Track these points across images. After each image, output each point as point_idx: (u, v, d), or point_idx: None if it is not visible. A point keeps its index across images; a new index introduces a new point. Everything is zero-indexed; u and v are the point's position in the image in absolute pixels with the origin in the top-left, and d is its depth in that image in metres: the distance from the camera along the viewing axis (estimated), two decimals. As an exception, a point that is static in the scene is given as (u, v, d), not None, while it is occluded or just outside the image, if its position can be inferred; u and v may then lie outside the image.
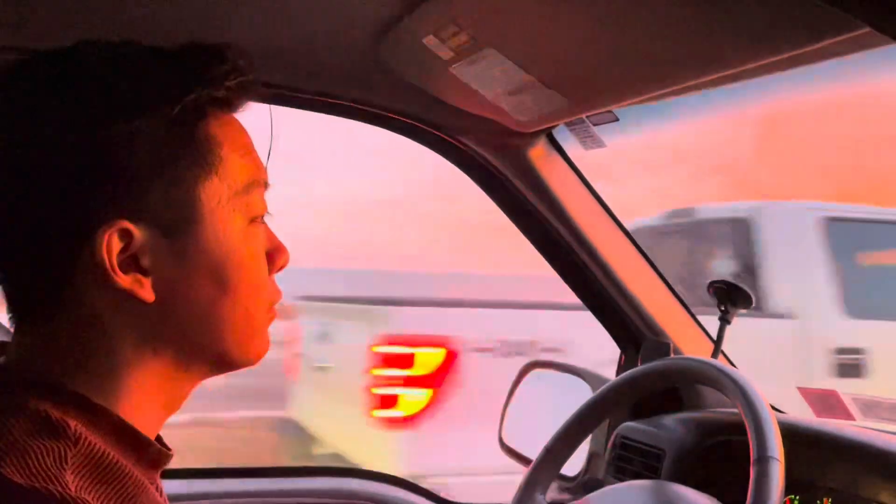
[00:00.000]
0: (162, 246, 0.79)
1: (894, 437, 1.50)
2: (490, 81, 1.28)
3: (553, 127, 1.57)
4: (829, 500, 1.56)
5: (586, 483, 1.76)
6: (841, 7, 0.71)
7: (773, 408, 1.97)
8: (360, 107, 1.58)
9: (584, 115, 1.51)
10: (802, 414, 1.94)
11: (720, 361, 1.38)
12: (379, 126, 1.65)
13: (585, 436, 1.59)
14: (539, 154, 1.61)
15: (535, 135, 1.56)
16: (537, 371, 2.25)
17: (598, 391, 1.56)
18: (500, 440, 2.17)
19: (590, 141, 1.59)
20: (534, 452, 1.67)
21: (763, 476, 1.13)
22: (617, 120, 1.51)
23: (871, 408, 1.90)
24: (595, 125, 1.54)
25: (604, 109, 1.32)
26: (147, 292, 0.78)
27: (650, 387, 1.52)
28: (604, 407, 1.54)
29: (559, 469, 1.59)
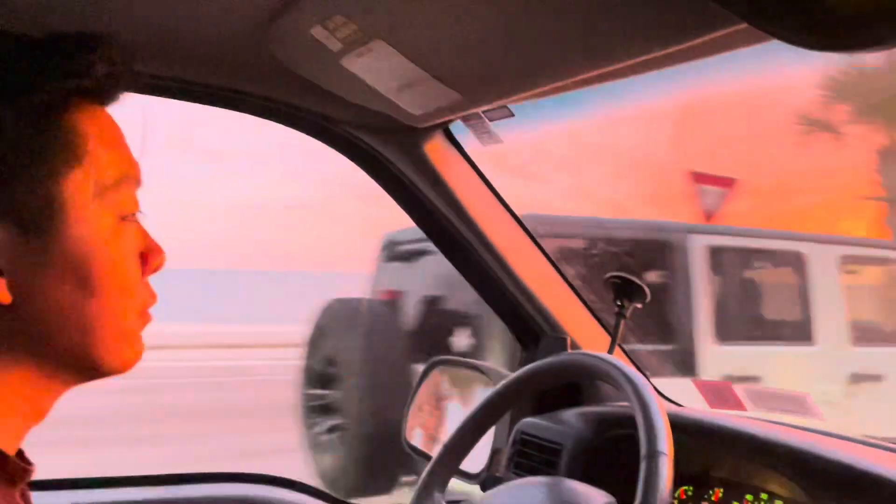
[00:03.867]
0: (19, 244, 0.74)
1: (782, 427, 1.54)
2: (381, 75, 1.25)
3: (449, 122, 1.55)
4: (721, 490, 1.59)
5: (485, 480, 1.75)
6: (719, 2, 0.71)
7: (671, 401, 2.01)
8: (250, 99, 1.53)
9: (480, 111, 1.49)
10: (698, 406, 1.98)
11: (615, 357, 1.39)
12: (270, 119, 1.59)
13: (483, 432, 1.58)
14: (435, 149, 1.58)
15: (431, 129, 1.53)
16: (442, 368, 2.23)
17: (494, 389, 1.55)
18: (405, 439, 2.15)
19: (487, 137, 1.58)
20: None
21: (652, 471, 1.14)
22: (513, 115, 1.50)
23: (762, 398, 1.96)
24: (492, 121, 1.53)
25: (498, 104, 1.31)
26: (2, 294, 0.73)
27: (547, 382, 1.52)
28: (500, 404, 1.53)
29: (457, 466, 1.58)
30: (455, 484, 1.65)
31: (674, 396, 1.96)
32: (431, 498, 1.50)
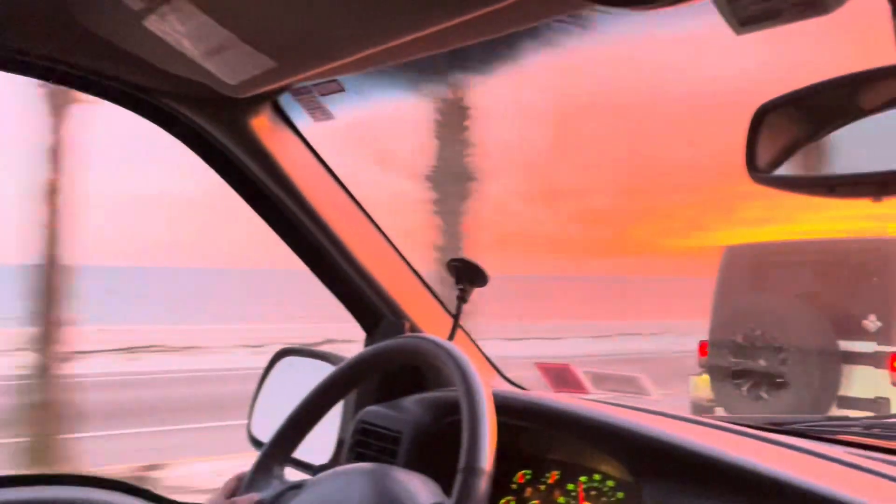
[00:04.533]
0: None
1: (614, 408, 1.54)
2: (188, 38, 1.15)
3: (276, 94, 1.46)
4: (557, 472, 1.59)
5: (318, 470, 1.69)
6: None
7: (515, 384, 2.00)
8: (60, 67, 1.39)
9: (309, 84, 1.42)
10: (541, 389, 1.98)
11: (446, 340, 1.34)
12: (84, 91, 1.46)
13: (316, 420, 1.51)
14: (263, 124, 1.49)
15: (256, 102, 1.44)
16: (289, 359, 2.15)
17: (327, 376, 1.48)
18: (249, 432, 2.05)
19: (318, 112, 1.50)
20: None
21: (466, 488, 1.08)
22: (343, 90, 1.43)
23: (601, 380, 1.98)
24: (322, 95, 1.45)
25: (316, 73, 1.23)
26: None
27: (379, 368, 1.47)
28: (332, 391, 1.47)
29: (291, 454, 1.52)
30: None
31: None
32: (264, 485, 1.44)
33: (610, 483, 1.44)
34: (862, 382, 5.09)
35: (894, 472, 1.15)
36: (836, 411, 5.10)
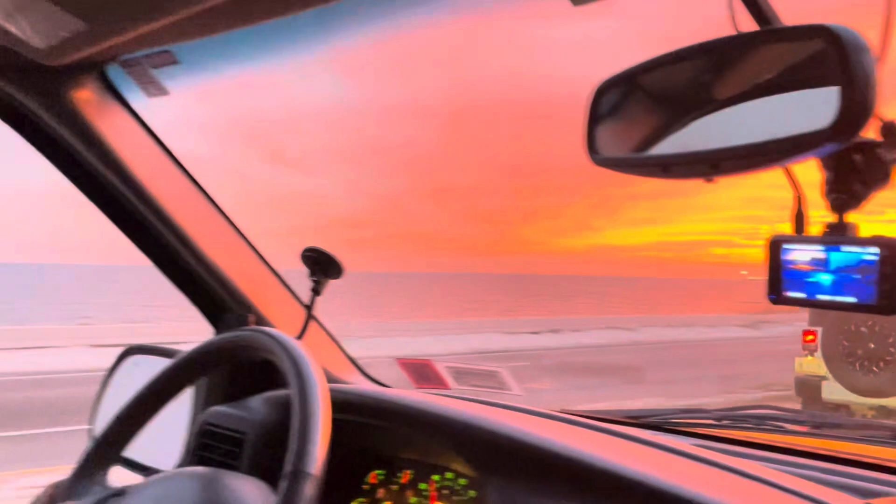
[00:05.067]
0: None
1: (470, 404, 1.49)
2: (-16, -7, 1.02)
3: (102, 65, 1.33)
4: (410, 472, 1.53)
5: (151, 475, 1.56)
6: None
7: (376, 381, 1.93)
8: None
9: (139, 55, 1.29)
10: (403, 386, 1.92)
11: (284, 334, 1.24)
12: None
13: (147, 420, 1.40)
14: (87, 98, 1.35)
15: (77, 72, 1.31)
16: (136, 357, 2.01)
17: (156, 373, 1.37)
18: (90, 431, 1.91)
19: (151, 87, 1.38)
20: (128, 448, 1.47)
21: (291, 494, 1.00)
22: (177, 62, 1.31)
23: (462, 375, 1.94)
24: (154, 67, 1.33)
25: (133, 35, 1.11)
26: None
27: (216, 363, 1.36)
28: (164, 389, 1.36)
29: (117, 456, 1.40)
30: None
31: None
32: (88, 485, 1.32)
33: (462, 481, 1.39)
34: None
35: (734, 462, 1.14)
36: None
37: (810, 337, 7.53)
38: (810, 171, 0.82)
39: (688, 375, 13.42)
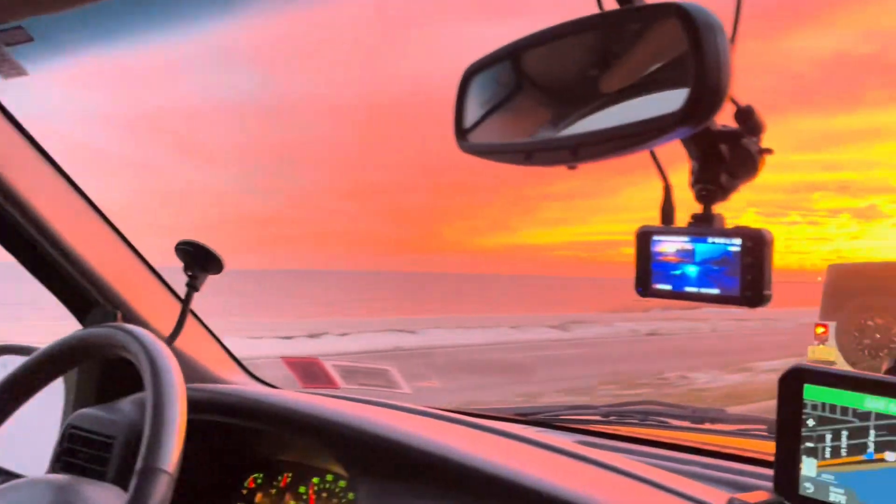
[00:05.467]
0: None
1: (355, 405, 1.45)
2: None
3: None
4: (289, 474, 1.47)
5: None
6: None
7: (262, 381, 1.86)
8: None
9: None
10: (290, 386, 1.86)
11: (145, 331, 1.16)
12: None
13: (1, 421, 1.30)
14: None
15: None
16: (9, 357, 1.88)
17: (10, 372, 1.27)
18: None
19: (6, 66, 1.28)
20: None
21: (141, 493, 0.92)
22: (31, 40, 1.22)
23: (351, 374, 1.90)
24: (8, 45, 1.23)
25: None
26: None
27: (72, 362, 1.26)
28: (15, 389, 1.26)
29: None
30: None
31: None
32: None
33: (342, 483, 1.34)
34: None
35: (613, 459, 1.13)
36: None
37: (821, 329, 8.96)
38: (685, 161, 0.80)
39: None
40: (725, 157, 0.76)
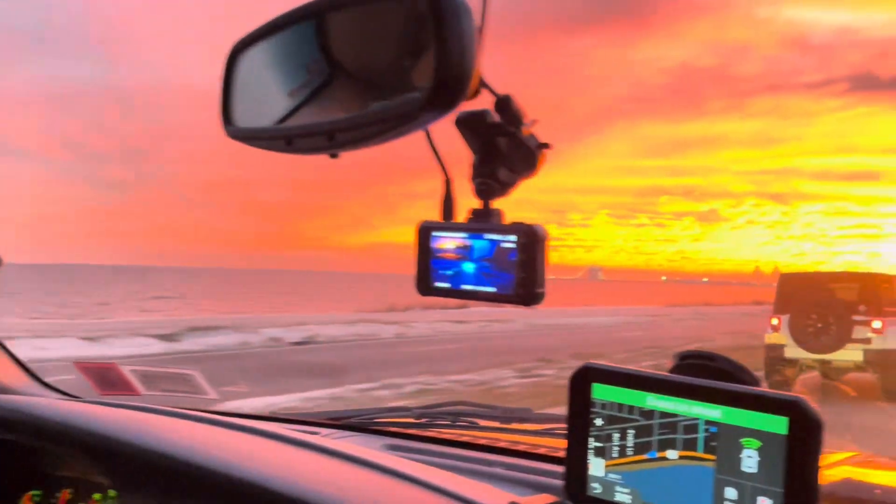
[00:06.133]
0: None
1: (146, 415, 1.33)
2: None
3: None
4: (70, 490, 1.34)
5: None
6: None
7: (57, 390, 1.69)
8: None
9: None
10: (88, 392, 1.71)
11: None
12: None
13: None
14: None
15: None
16: None
17: None
18: None
19: None
20: None
21: None
22: None
23: (152, 379, 1.78)
24: None
25: None
26: None
27: None
28: None
29: None
30: None
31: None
32: None
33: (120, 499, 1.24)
34: (858, 332, 11.21)
35: (400, 464, 1.08)
36: (847, 345, 11.23)
37: (776, 321, 12.05)
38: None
39: None
40: (504, 152, 0.73)
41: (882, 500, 1.23)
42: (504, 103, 0.66)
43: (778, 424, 0.80)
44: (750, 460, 0.82)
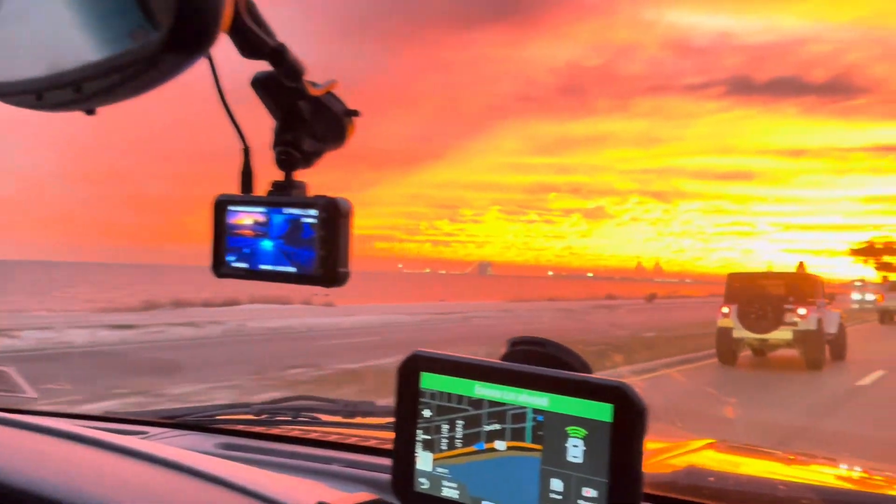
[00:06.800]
0: None
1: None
2: None
3: None
4: None
5: None
6: None
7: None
8: None
9: None
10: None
11: None
12: None
13: None
14: None
15: None
16: None
17: None
18: None
19: None
20: None
21: None
22: None
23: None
24: None
25: None
26: None
27: None
28: None
29: None
30: None
31: None
32: None
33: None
34: (788, 317, 14.57)
35: (223, 469, 0.99)
36: (780, 327, 14.72)
37: (726, 310, 15.20)
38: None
39: None
40: (307, 118, 0.66)
41: (720, 487, 1.24)
42: (277, 55, 0.59)
43: (603, 412, 0.77)
44: (576, 449, 0.78)
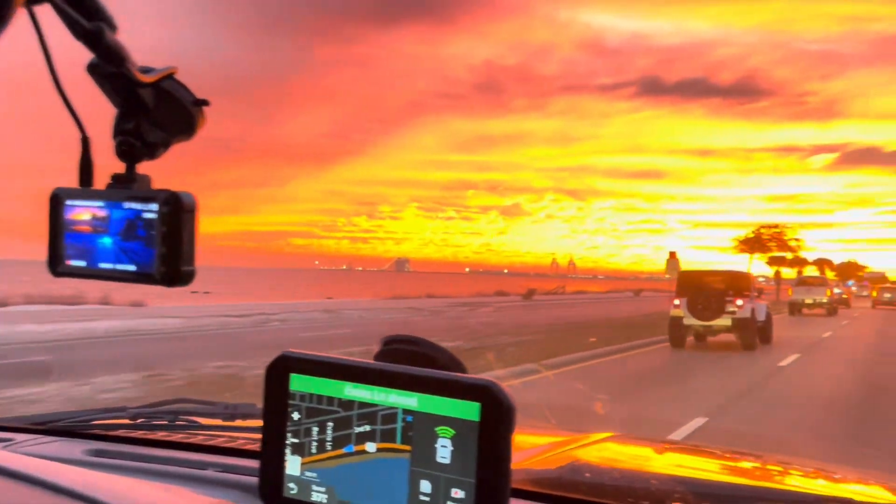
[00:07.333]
0: None
1: None
2: None
3: None
4: None
5: None
6: None
7: None
8: None
9: None
10: None
11: None
12: None
13: None
14: None
15: None
16: None
17: None
18: None
19: None
20: None
21: None
22: None
23: None
24: None
25: None
26: None
27: None
28: None
29: None
30: None
31: None
32: None
33: None
34: (728, 307, 17.52)
35: (73, 478, 0.93)
36: (721, 316, 17.70)
37: (677, 302, 17.79)
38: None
39: None
40: (149, 106, 0.62)
41: (597, 482, 1.25)
42: (92, 36, 0.55)
43: (470, 410, 0.75)
44: (444, 450, 0.77)
